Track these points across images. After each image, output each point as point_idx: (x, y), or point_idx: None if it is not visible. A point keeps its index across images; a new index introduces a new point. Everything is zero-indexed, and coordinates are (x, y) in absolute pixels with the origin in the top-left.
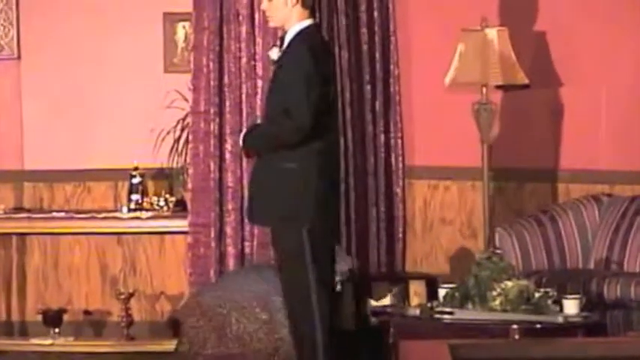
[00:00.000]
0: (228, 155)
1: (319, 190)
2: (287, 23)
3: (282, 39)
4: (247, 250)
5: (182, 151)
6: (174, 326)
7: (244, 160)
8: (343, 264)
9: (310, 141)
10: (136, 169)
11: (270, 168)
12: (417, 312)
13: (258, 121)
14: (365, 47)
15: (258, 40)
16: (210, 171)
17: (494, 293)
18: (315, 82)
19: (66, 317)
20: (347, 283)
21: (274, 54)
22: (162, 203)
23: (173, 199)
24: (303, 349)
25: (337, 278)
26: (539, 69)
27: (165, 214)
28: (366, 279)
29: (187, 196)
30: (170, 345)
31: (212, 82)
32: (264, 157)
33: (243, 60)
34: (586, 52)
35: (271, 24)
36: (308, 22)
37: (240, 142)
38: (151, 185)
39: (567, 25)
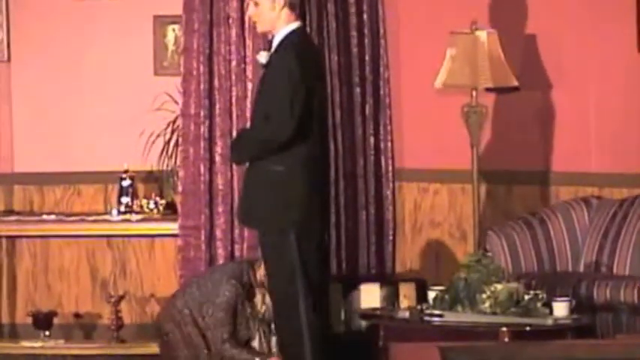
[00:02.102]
0: (218, 158)
1: (307, 192)
2: (275, 27)
3: (270, 42)
4: (237, 252)
5: (172, 153)
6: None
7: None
8: None
9: (297, 144)
10: (126, 171)
11: (258, 170)
12: (407, 314)
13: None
14: (355, 50)
15: (248, 42)
16: (200, 174)
17: (484, 296)
18: (300, 87)
19: (56, 320)
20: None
21: (263, 57)
22: (152, 206)
23: (163, 201)
24: (290, 357)
25: None
26: (528, 71)
27: (156, 216)
28: (356, 281)
29: (177, 199)
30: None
31: (202, 85)
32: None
33: (233, 63)
34: (575, 55)
35: (259, 29)
36: (295, 25)
37: (229, 151)
38: (141, 188)
39: (557, 27)
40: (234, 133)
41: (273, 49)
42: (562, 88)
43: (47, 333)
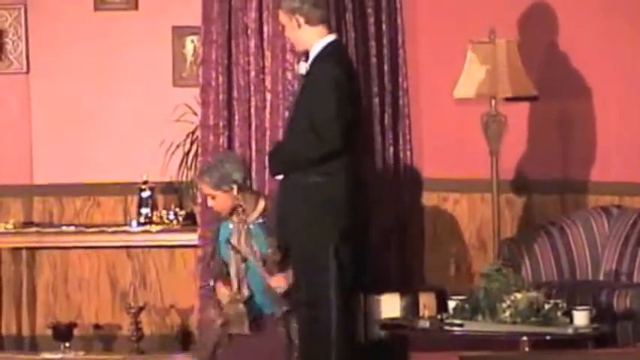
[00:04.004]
0: None
1: (346, 204)
2: (308, 44)
3: (307, 54)
4: None
5: (191, 164)
6: (184, 340)
7: (253, 173)
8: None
9: (337, 155)
10: (145, 182)
11: (295, 182)
12: (427, 324)
13: (267, 133)
14: (373, 60)
15: (267, 53)
16: None
17: (504, 305)
18: (346, 97)
19: (76, 331)
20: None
21: (303, 68)
22: (171, 217)
23: (183, 212)
24: None
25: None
26: (547, 80)
27: (175, 227)
28: (376, 291)
29: (197, 210)
30: (180, 359)
31: (221, 96)
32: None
33: (252, 74)
34: (595, 63)
35: (297, 49)
36: (331, 37)
37: (267, 162)
38: (160, 199)
39: (576, 35)
40: (253, 144)
41: (310, 61)
42: (582, 97)
43: (67, 344)
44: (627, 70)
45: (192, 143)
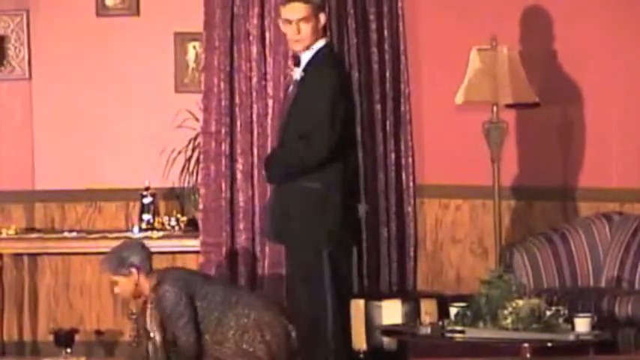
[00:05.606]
0: (239, 175)
1: (342, 209)
2: (309, 45)
3: (298, 58)
4: (259, 269)
5: (193, 170)
6: None
7: (255, 179)
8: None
9: (333, 160)
10: (147, 189)
11: (293, 187)
12: (428, 331)
13: (269, 140)
14: (375, 66)
15: (269, 59)
16: (221, 191)
17: (506, 312)
18: (339, 103)
19: (78, 337)
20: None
21: (297, 74)
22: (173, 223)
23: (184, 218)
24: None
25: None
26: (549, 87)
27: (177, 233)
28: (377, 298)
29: (199, 216)
30: None
31: (223, 102)
32: None
33: (254, 80)
34: (597, 70)
35: (299, 47)
36: (323, 41)
37: (263, 172)
38: (162, 205)
39: (577, 42)
40: (255, 151)
41: (304, 65)
42: (583, 104)
43: (69, 350)
44: (628, 77)
45: (193, 149)
